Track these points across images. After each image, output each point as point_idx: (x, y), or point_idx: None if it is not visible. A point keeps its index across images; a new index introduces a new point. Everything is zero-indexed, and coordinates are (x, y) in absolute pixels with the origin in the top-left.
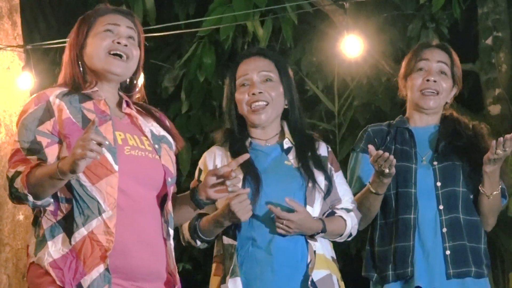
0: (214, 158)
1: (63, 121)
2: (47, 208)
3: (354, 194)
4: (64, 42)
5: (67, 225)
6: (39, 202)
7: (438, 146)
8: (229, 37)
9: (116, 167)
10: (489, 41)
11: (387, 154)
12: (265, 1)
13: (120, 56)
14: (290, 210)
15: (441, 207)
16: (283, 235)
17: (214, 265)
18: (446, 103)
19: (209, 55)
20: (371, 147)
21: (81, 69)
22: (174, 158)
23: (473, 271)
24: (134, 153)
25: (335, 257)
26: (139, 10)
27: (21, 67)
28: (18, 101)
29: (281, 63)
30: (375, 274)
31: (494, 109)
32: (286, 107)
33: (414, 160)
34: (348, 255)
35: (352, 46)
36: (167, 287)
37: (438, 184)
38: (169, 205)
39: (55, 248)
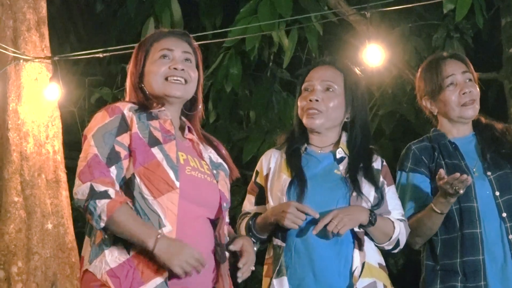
0: (269, 160)
1: (132, 134)
2: None
3: (410, 215)
4: (92, 54)
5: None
6: (104, 231)
7: (486, 156)
8: (255, 48)
9: (177, 184)
10: None
11: (464, 176)
12: (290, 12)
13: (178, 81)
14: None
15: (504, 214)
16: (325, 242)
17: (265, 267)
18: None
19: (235, 65)
20: (442, 172)
21: (144, 95)
22: (229, 186)
23: None
24: (194, 174)
25: (383, 264)
26: (167, 21)
27: (48, 78)
28: (46, 112)
29: (350, 77)
30: (439, 287)
31: None
32: (347, 120)
33: (468, 173)
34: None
35: (373, 55)
36: None
37: (497, 193)
38: (224, 229)
39: (112, 257)
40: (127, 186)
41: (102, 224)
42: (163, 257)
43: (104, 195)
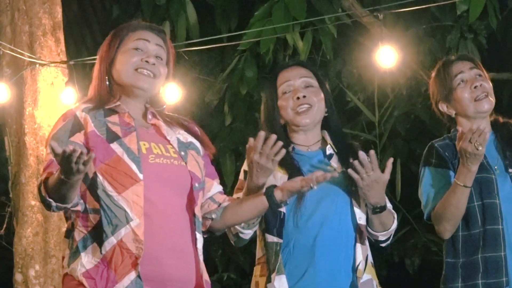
0: None
1: (88, 133)
2: (77, 218)
3: (436, 205)
4: None
5: (97, 235)
6: (63, 205)
7: (506, 153)
8: (270, 50)
9: (141, 176)
10: None
11: (482, 126)
12: (304, 14)
13: (147, 74)
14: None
15: None
16: (327, 237)
17: (258, 267)
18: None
19: (251, 68)
20: (460, 130)
21: (107, 83)
22: (202, 163)
23: None
24: (159, 161)
25: (373, 262)
26: (183, 25)
27: (64, 83)
28: None
29: (318, 73)
30: (460, 284)
31: None
32: (326, 114)
33: (491, 170)
34: (391, 263)
35: (386, 56)
36: None
37: None
38: (197, 209)
39: (87, 259)
40: (92, 186)
41: (54, 203)
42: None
43: (41, 184)
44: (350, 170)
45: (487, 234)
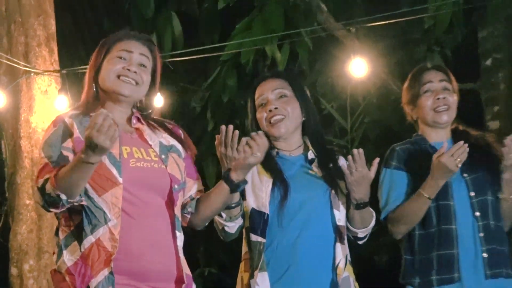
0: None
1: (74, 139)
2: (62, 218)
3: (396, 207)
4: None
5: (78, 234)
6: (72, 199)
7: None
8: (250, 61)
9: (120, 180)
10: (488, 62)
11: (462, 142)
12: (282, 28)
13: (129, 81)
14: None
15: (477, 213)
16: (309, 237)
17: (242, 263)
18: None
19: (232, 77)
20: (445, 146)
21: (94, 90)
22: (183, 165)
23: (504, 272)
24: (139, 164)
25: (350, 261)
26: (168, 37)
27: (57, 90)
28: None
29: (294, 81)
30: (417, 280)
31: (494, 125)
32: (304, 119)
33: None
34: (361, 260)
35: (358, 67)
36: (177, 286)
37: (472, 194)
38: (176, 209)
39: (68, 257)
40: None
41: (64, 197)
42: (90, 151)
43: (45, 182)
44: (342, 165)
45: (442, 233)
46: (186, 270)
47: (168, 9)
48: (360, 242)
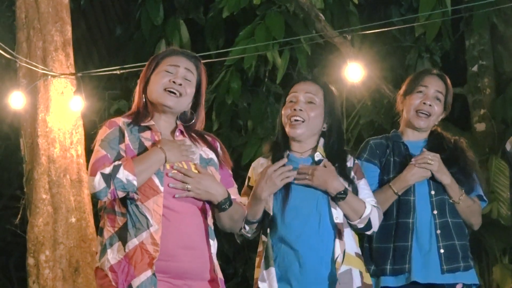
0: (258, 167)
1: (126, 145)
2: (107, 219)
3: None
4: (109, 71)
5: (122, 236)
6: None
7: None
8: (252, 66)
9: (161, 188)
10: (475, 68)
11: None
12: (283, 35)
13: (174, 93)
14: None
15: (435, 212)
16: (310, 234)
17: (257, 259)
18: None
19: (235, 81)
20: (425, 153)
21: (143, 100)
22: (219, 177)
23: (462, 266)
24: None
25: (360, 253)
26: (176, 43)
27: (73, 92)
28: (70, 121)
29: (328, 92)
30: (373, 267)
31: (480, 127)
32: (324, 129)
33: None
34: None
35: (353, 72)
36: (212, 284)
37: (432, 192)
38: (208, 220)
39: (112, 255)
40: None
41: (135, 183)
42: (168, 153)
43: (116, 168)
44: (297, 178)
45: (399, 226)
46: (220, 275)
47: (176, 17)
48: (368, 233)
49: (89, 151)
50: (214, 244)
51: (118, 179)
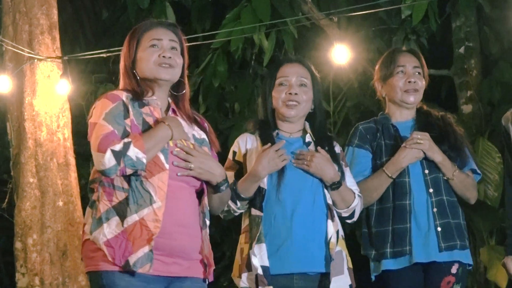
0: (246, 142)
1: (131, 120)
2: (103, 192)
3: (357, 183)
4: (96, 54)
5: (121, 211)
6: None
7: None
8: (239, 48)
9: (167, 166)
10: (461, 50)
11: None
12: (269, 17)
13: (167, 66)
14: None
15: (431, 190)
16: (303, 213)
17: (242, 236)
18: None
19: (222, 64)
20: (415, 135)
21: (137, 78)
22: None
23: (458, 244)
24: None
25: (343, 236)
26: None
27: (59, 76)
28: (57, 105)
29: (314, 74)
30: (373, 252)
31: (467, 108)
32: (311, 110)
33: None
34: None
35: (340, 54)
36: (201, 265)
37: (426, 171)
38: (205, 199)
39: (109, 230)
40: None
41: (145, 161)
42: (174, 130)
43: (126, 146)
44: (295, 162)
45: (396, 208)
46: (210, 255)
47: (162, 0)
48: (349, 221)
49: (75, 135)
50: (207, 222)
51: (128, 156)
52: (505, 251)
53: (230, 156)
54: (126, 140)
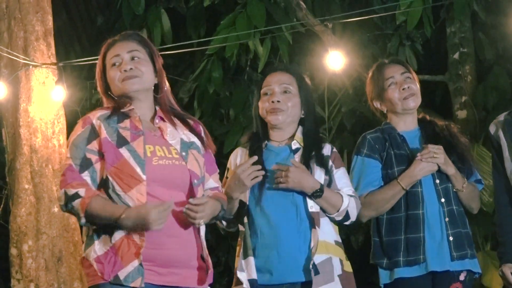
0: (236, 157)
1: (102, 140)
2: None
3: (366, 193)
4: (90, 60)
5: (108, 227)
6: (88, 225)
7: None
8: (234, 54)
9: (144, 177)
10: (456, 55)
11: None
12: (264, 23)
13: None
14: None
15: (442, 200)
16: (288, 223)
17: (238, 248)
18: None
19: (217, 70)
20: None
21: (112, 99)
22: (202, 160)
23: (469, 253)
24: (161, 162)
25: (339, 241)
26: (158, 32)
27: (54, 82)
28: (52, 111)
29: (301, 79)
30: (385, 260)
31: (461, 114)
32: (302, 116)
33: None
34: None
35: (335, 60)
36: (199, 272)
37: (437, 181)
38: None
39: (99, 247)
40: (104, 186)
41: (83, 221)
42: (129, 224)
43: (76, 196)
44: (276, 184)
45: (409, 218)
46: (207, 258)
47: (157, 6)
48: (346, 223)
49: None
50: (202, 227)
51: (73, 206)
52: (499, 259)
53: (226, 172)
54: (80, 190)
